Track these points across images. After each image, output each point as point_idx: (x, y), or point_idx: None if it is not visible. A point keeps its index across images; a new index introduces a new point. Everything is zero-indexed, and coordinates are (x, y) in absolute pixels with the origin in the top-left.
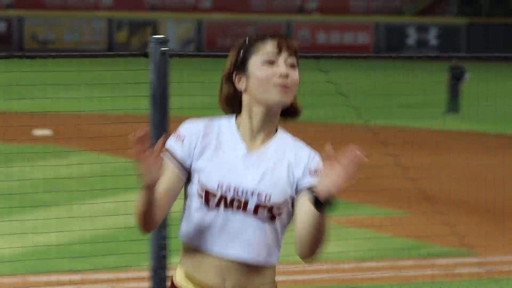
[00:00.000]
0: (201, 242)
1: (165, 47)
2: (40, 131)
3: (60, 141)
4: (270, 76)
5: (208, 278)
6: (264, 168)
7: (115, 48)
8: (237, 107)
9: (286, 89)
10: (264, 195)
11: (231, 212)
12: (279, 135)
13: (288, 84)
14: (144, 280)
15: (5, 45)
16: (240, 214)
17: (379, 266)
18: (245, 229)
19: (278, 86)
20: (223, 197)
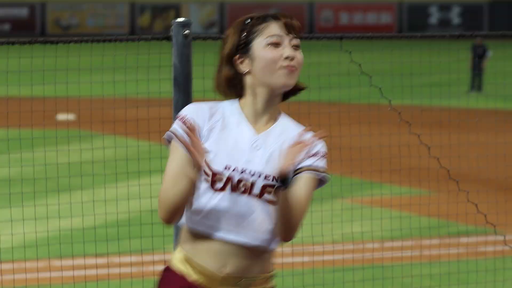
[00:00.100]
0: (205, 227)
1: (188, 30)
2: (64, 116)
3: (84, 125)
4: (277, 59)
5: (208, 263)
6: (271, 150)
7: (138, 32)
8: (237, 90)
9: (292, 71)
10: (272, 177)
11: (237, 195)
12: (282, 118)
13: (294, 66)
14: None
15: (28, 31)
16: (246, 197)
17: (404, 246)
18: (251, 213)
19: (285, 69)
20: (230, 179)
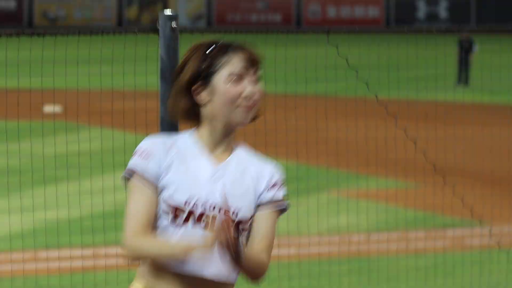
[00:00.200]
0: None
1: (175, 23)
2: (50, 108)
3: (70, 117)
4: (236, 97)
5: None
6: (230, 182)
7: (125, 25)
8: (193, 119)
9: (250, 110)
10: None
11: (200, 229)
12: (239, 149)
13: (253, 104)
14: None
15: (15, 23)
16: (208, 231)
17: (390, 238)
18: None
19: (243, 107)
20: (192, 213)
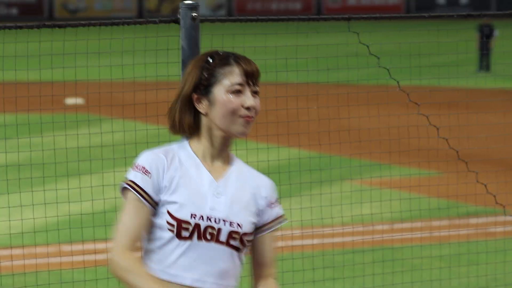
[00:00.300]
0: (169, 275)
1: (196, 13)
2: (72, 100)
3: (92, 110)
4: (237, 108)
5: None
6: (231, 196)
7: (145, 15)
8: (191, 130)
9: (250, 121)
10: (236, 223)
11: (204, 243)
12: (236, 162)
13: (253, 116)
14: None
15: (36, 15)
16: (213, 244)
17: (414, 227)
18: (217, 260)
19: (243, 119)
20: (196, 227)
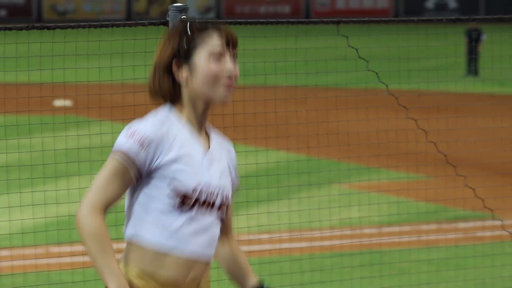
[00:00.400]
0: (171, 244)
1: (184, 15)
2: (61, 102)
3: (81, 111)
4: (219, 74)
5: (174, 274)
6: (218, 164)
7: (134, 18)
8: (172, 97)
9: (231, 88)
10: (226, 192)
11: (202, 212)
12: (212, 130)
13: (233, 82)
14: None
15: (25, 16)
16: (208, 214)
17: (402, 231)
18: (211, 228)
19: (226, 86)
20: (198, 199)
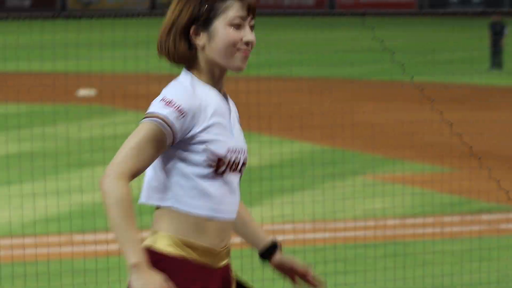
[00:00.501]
0: (209, 210)
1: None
2: (85, 91)
3: (106, 101)
4: (238, 42)
5: (212, 242)
6: (238, 126)
7: (159, 7)
8: (186, 61)
9: (247, 56)
10: (245, 153)
11: (231, 175)
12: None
13: (249, 51)
14: None
15: (49, 7)
16: (236, 175)
17: (426, 222)
18: (237, 189)
19: (242, 53)
20: (229, 161)
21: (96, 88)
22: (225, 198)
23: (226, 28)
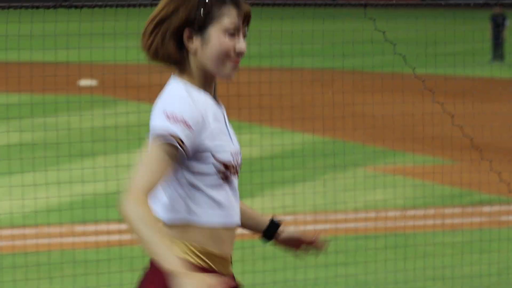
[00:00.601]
0: (221, 218)
1: None
2: (86, 81)
3: (107, 91)
4: (230, 50)
5: (225, 250)
6: (232, 129)
7: None
8: (176, 64)
9: (237, 66)
10: (241, 155)
11: (234, 179)
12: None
13: (239, 60)
14: None
15: None
16: (235, 178)
17: (426, 214)
18: (238, 191)
19: (233, 63)
20: (234, 167)
21: (98, 78)
22: (232, 203)
23: (220, 36)
